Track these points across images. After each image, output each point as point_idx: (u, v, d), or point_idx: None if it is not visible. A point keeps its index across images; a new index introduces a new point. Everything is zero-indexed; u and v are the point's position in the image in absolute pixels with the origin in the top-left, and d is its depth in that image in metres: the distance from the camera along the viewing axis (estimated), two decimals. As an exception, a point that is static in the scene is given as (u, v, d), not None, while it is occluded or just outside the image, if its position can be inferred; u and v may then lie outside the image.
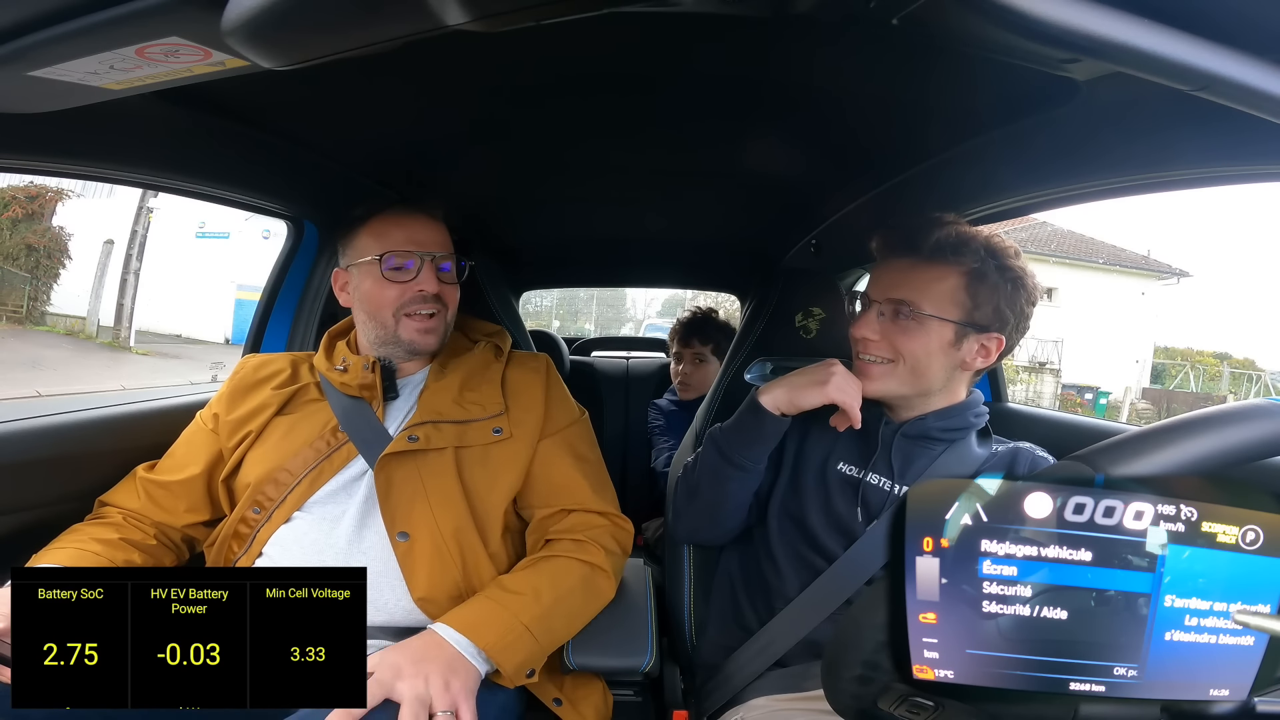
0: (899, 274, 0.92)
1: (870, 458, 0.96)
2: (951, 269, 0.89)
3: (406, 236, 0.99)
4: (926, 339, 0.89)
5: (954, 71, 0.78)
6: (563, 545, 0.95)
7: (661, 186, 1.43)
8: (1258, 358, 18.13)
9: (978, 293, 0.89)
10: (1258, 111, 0.43)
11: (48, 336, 12.05)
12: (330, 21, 0.44)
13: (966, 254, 0.88)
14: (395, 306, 0.98)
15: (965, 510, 0.41)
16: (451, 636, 0.80)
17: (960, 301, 0.89)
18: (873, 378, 0.93)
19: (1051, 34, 0.38)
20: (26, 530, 0.93)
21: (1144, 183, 0.89)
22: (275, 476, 0.95)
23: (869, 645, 0.45)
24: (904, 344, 0.90)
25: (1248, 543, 0.41)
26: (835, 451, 0.99)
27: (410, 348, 1.00)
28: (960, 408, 0.94)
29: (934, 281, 0.89)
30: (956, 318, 0.89)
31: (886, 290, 0.92)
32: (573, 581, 0.91)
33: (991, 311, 0.89)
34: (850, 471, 0.97)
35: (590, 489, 1.00)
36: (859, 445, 0.98)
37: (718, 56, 0.82)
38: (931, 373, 0.91)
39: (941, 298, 0.89)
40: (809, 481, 0.99)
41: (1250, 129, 0.55)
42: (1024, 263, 0.92)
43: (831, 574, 0.91)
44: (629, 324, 21.89)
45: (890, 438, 0.95)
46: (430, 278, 0.98)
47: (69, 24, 0.49)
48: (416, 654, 0.77)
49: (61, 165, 0.92)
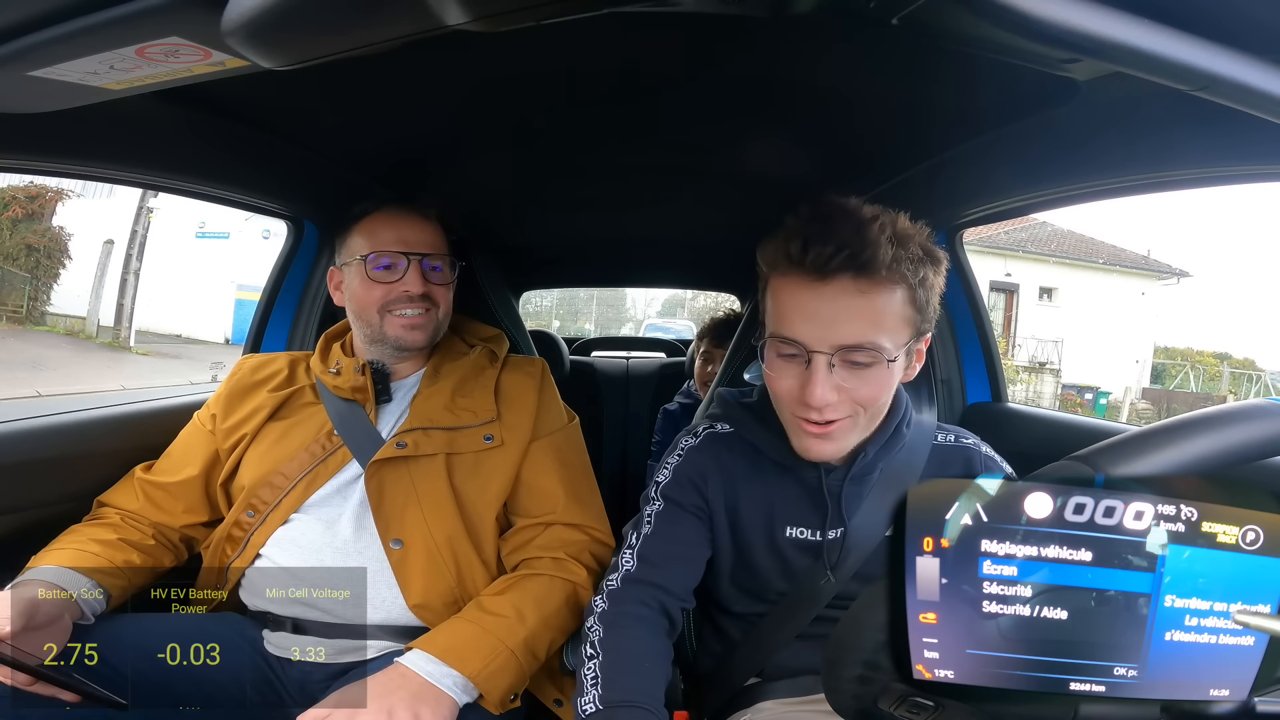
0: (846, 303, 0.70)
1: (823, 516, 0.83)
2: (897, 285, 0.71)
3: (395, 236, 0.99)
4: (889, 376, 0.74)
5: (954, 71, 0.78)
6: (542, 564, 0.93)
7: (662, 186, 1.43)
8: (1258, 358, 18.13)
9: (920, 299, 0.73)
10: (1258, 111, 0.43)
11: (48, 336, 12.05)
12: (330, 21, 0.44)
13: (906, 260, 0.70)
14: (380, 305, 0.98)
15: (965, 510, 0.41)
16: (424, 665, 0.77)
17: (909, 317, 0.73)
18: (833, 439, 0.76)
19: (1051, 34, 0.38)
20: (26, 530, 0.93)
21: (1144, 183, 0.90)
22: (270, 480, 0.94)
23: (869, 645, 0.45)
24: (864, 392, 0.73)
25: (1248, 543, 0.41)
26: (777, 515, 0.85)
27: (397, 344, 0.99)
28: (891, 423, 0.83)
29: (887, 305, 0.71)
30: (908, 337, 0.74)
31: (833, 332, 0.71)
32: (557, 602, 0.90)
33: (930, 311, 0.76)
34: (804, 535, 0.85)
35: (571, 500, 0.98)
36: (804, 503, 0.85)
37: (718, 58, 0.82)
38: (884, 406, 0.79)
39: (897, 321, 0.72)
40: (758, 557, 0.86)
41: (1250, 129, 0.55)
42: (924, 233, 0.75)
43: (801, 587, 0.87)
44: (629, 324, 21.88)
45: (839, 488, 0.83)
46: (416, 279, 0.98)
47: (69, 24, 0.49)
48: (380, 687, 0.74)
49: (61, 165, 0.92)
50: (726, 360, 1.29)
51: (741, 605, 0.90)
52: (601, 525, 1.01)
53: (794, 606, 0.87)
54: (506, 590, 0.89)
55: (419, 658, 0.78)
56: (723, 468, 0.87)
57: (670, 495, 0.88)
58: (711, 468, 0.88)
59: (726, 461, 0.88)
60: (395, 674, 0.76)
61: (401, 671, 0.77)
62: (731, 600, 0.90)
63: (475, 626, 0.83)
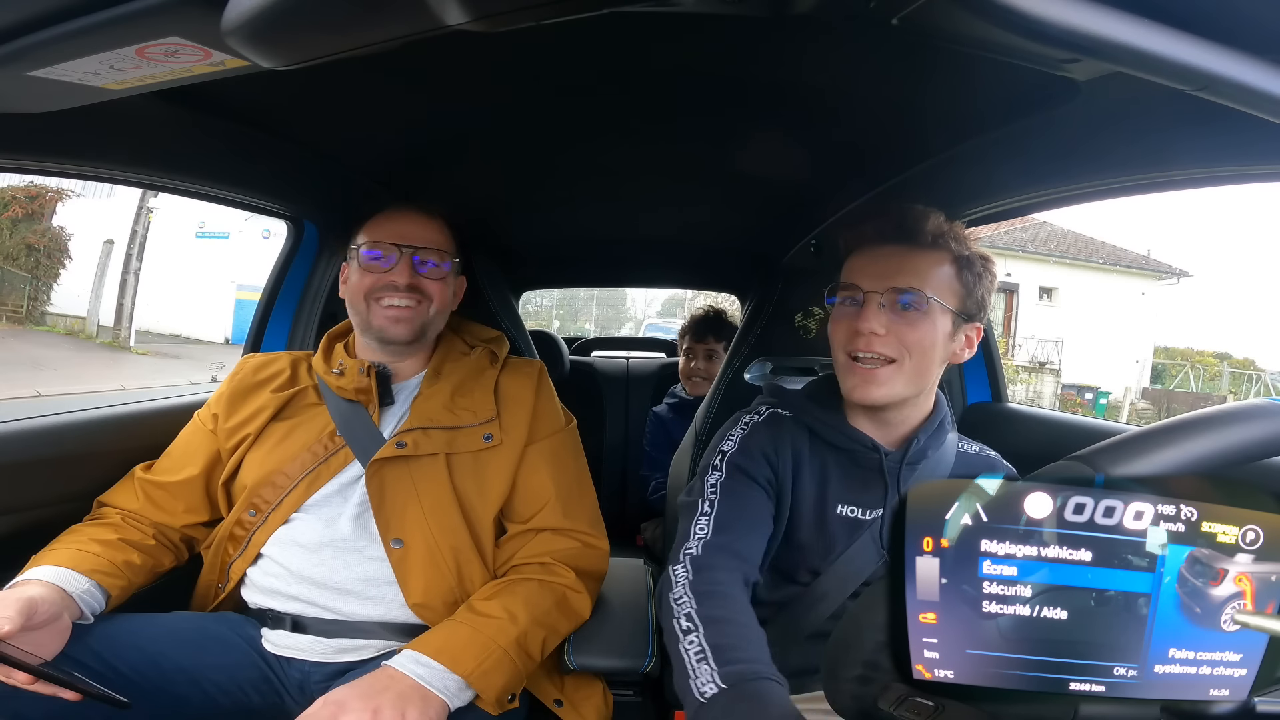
0: (894, 261, 0.85)
1: (878, 495, 0.89)
2: (945, 255, 0.86)
3: (391, 230, 1.01)
4: (934, 330, 0.84)
5: (954, 71, 0.78)
6: (530, 569, 0.94)
7: (662, 187, 1.43)
8: (1258, 358, 18.15)
9: (967, 280, 0.86)
10: (1258, 111, 0.43)
11: (48, 336, 12.06)
12: (330, 21, 0.44)
13: (953, 241, 0.86)
14: (367, 292, 0.99)
15: (965, 510, 0.41)
16: (414, 667, 0.77)
17: (956, 289, 0.86)
18: (879, 382, 0.84)
19: (1051, 34, 0.38)
20: (26, 530, 0.93)
21: (1144, 183, 0.89)
22: (272, 479, 0.95)
23: (869, 645, 0.45)
24: (911, 337, 0.83)
25: (1248, 543, 0.41)
26: (830, 493, 0.90)
27: (380, 334, 1.00)
28: (938, 414, 0.92)
29: (934, 267, 0.85)
30: (955, 306, 0.86)
31: (886, 279, 0.84)
32: (547, 604, 0.90)
33: (978, 299, 0.87)
34: (854, 513, 0.89)
35: (562, 505, 0.98)
36: (858, 483, 0.90)
37: (719, 57, 0.82)
38: (932, 370, 0.87)
39: (942, 285, 0.85)
40: (804, 533, 0.90)
41: (1250, 129, 0.55)
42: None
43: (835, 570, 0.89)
44: (629, 324, 21.89)
45: (896, 470, 0.89)
46: (404, 270, 0.99)
47: (69, 24, 0.48)
48: (366, 688, 0.74)
49: (61, 165, 0.92)
50: (727, 361, 1.29)
51: (769, 590, 0.91)
52: (594, 529, 1.01)
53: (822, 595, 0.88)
54: (496, 594, 0.89)
55: (408, 659, 0.78)
56: (790, 446, 0.91)
57: (740, 465, 0.89)
58: (782, 442, 0.91)
59: (793, 441, 0.92)
60: (383, 675, 0.76)
61: (390, 673, 0.76)
62: (762, 586, 0.91)
63: (467, 627, 0.83)
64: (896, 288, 0.84)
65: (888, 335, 0.83)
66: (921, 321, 0.84)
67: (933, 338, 0.84)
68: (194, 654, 0.86)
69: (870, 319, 0.83)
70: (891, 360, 0.84)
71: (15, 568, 0.83)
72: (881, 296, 0.84)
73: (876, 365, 0.84)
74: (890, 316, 0.84)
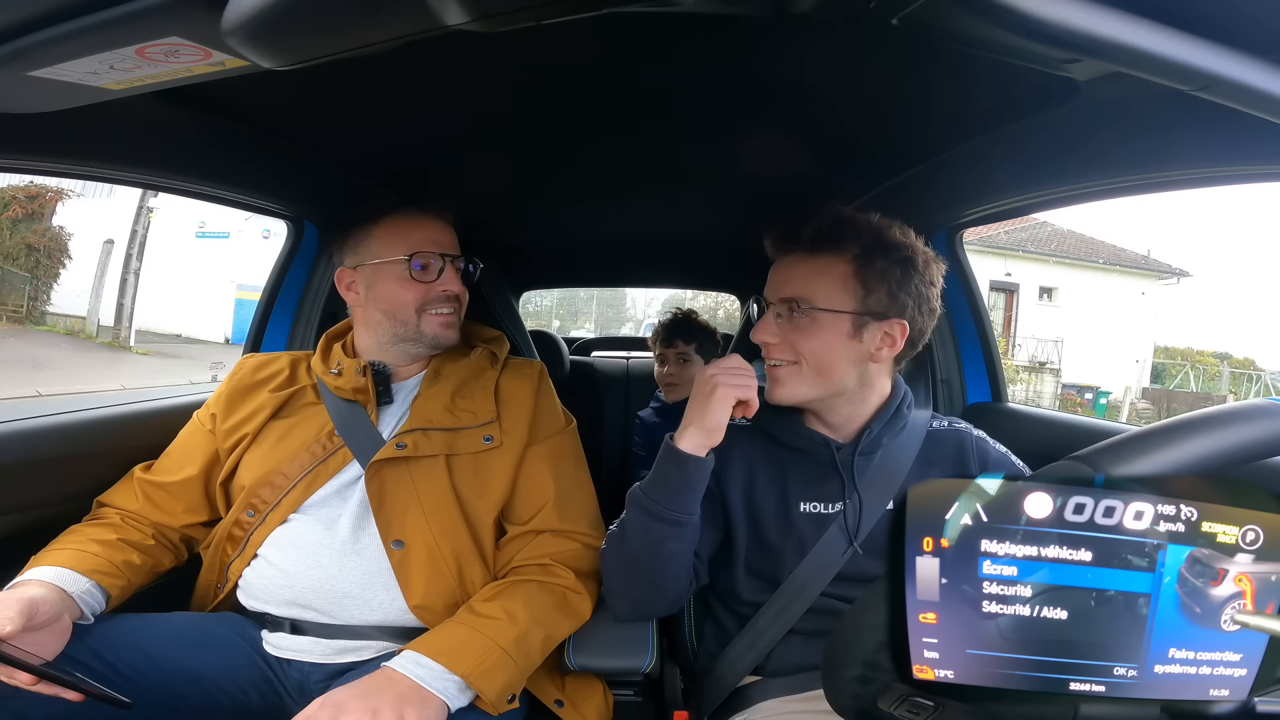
0: (786, 271, 0.89)
1: (838, 490, 0.91)
2: (836, 258, 0.86)
3: (427, 238, 1.00)
4: (823, 335, 0.86)
5: (954, 71, 0.78)
6: (529, 571, 0.94)
7: (662, 187, 1.43)
8: (1258, 358, 18.13)
9: (867, 279, 0.86)
10: (1258, 111, 0.43)
11: (48, 336, 12.05)
12: (330, 21, 0.44)
13: (848, 240, 0.86)
14: (418, 305, 0.99)
15: (965, 510, 0.41)
16: (413, 668, 0.77)
17: (851, 290, 0.86)
18: (781, 382, 0.89)
19: (1051, 34, 0.38)
20: (26, 530, 0.93)
21: (1144, 183, 0.90)
22: (271, 480, 0.94)
23: (869, 645, 0.45)
24: (802, 343, 0.87)
25: (1248, 543, 0.41)
26: (791, 492, 0.92)
27: (434, 342, 1.01)
28: (893, 403, 0.92)
29: (820, 274, 0.87)
30: (850, 308, 0.86)
31: (777, 290, 0.89)
32: (547, 604, 0.90)
33: (885, 297, 0.86)
34: (817, 509, 0.91)
35: (562, 507, 0.98)
36: (817, 479, 0.92)
37: (719, 57, 0.82)
38: (837, 370, 0.87)
39: (831, 289, 0.86)
40: (773, 535, 0.91)
41: (1250, 129, 0.55)
42: (913, 240, 0.89)
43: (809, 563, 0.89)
44: (629, 324, 21.89)
45: (850, 462, 0.91)
46: (453, 278, 1.01)
47: (69, 24, 0.49)
48: (365, 689, 0.73)
49: (61, 165, 0.92)
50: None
51: (753, 593, 0.93)
52: (593, 531, 1.00)
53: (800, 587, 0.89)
54: (496, 596, 0.89)
55: (408, 660, 0.78)
56: (741, 456, 0.95)
57: None
58: (731, 454, 0.94)
59: (745, 450, 0.95)
60: (382, 676, 0.76)
61: (389, 674, 0.76)
62: (744, 588, 0.93)
63: (466, 628, 0.83)
64: (784, 298, 0.88)
65: (782, 343, 0.88)
66: (811, 327, 0.87)
67: (825, 341, 0.87)
68: (194, 654, 0.86)
69: (762, 330, 0.90)
70: (793, 362, 0.88)
71: (15, 568, 0.83)
72: (776, 306, 0.90)
73: (779, 367, 0.90)
74: (784, 325, 0.89)
